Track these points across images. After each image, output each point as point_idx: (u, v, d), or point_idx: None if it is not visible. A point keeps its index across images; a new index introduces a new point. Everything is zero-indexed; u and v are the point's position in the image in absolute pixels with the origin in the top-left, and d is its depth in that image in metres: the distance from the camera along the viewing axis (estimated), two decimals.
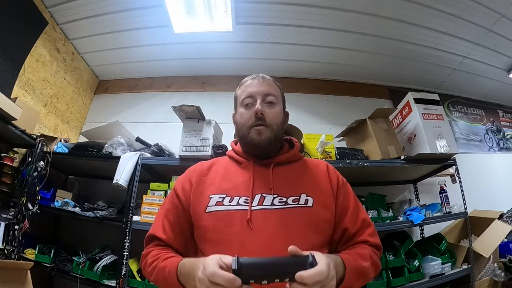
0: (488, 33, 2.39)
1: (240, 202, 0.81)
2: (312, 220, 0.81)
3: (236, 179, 0.88)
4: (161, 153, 1.98)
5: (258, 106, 0.89)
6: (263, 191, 0.83)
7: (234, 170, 0.91)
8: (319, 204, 0.84)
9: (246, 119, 0.90)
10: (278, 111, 0.93)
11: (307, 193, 0.84)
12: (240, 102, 0.96)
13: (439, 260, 1.85)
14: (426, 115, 2.03)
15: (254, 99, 0.91)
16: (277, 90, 0.96)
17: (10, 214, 1.69)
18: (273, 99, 0.92)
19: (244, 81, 0.99)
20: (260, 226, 0.77)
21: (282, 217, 0.79)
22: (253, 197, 0.82)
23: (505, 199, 2.47)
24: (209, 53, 2.66)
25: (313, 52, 2.64)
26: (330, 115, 2.82)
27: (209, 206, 0.82)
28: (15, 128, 1.71)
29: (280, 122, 0.92)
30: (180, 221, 0.88)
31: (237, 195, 0.83)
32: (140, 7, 2.20)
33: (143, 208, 1.80)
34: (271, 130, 0.88)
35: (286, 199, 0.82)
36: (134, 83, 2.99)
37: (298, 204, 0.82)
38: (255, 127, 0.88)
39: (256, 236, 0.76)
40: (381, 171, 2.11)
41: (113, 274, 1.75)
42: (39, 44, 2.18)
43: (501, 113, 3.37)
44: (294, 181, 0.88)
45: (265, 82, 0.95)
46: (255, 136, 0.88)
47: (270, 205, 0.81)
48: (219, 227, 0.80)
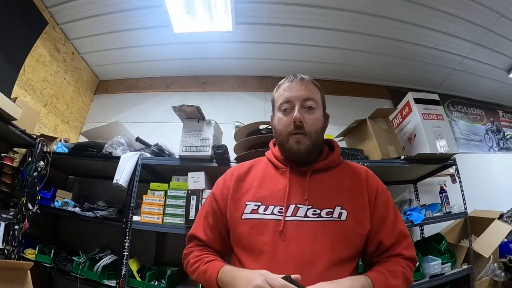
0: (488, 33, 2.39)
1: (275, 212, 0.82)
2: (344, 235, 0.80)
3: (273, 186, 0.87)
4: (161, 153, 1.98)
5: (297, 114, 0.86)
6: (298, 201, 0.83)
7: (271, 176, 0.90)
8: (353, 218, 0.82)
9: (285, 125, 0.88)
10: (318, 117, 0.90)
11: (342, 206, 0.83)
12: (277, 107, 0.92)
13: (439, 260, 1.84)
14: (426, 115, 2.03)
15: (292, 105, 0.88)
16: (316, 92, 0.93)
17: (10, 214, 1.69)
18: (312, 104, 0.89)
19: (282, 83, 0.95)
20: (291, 237, 0.78)
21: (314, 230, 0.79)
22: (287, 207, 0.82)
23: (505, 199, 2.47)
24: (209, 53, 2.66)
25: (313, 52, 2.64)
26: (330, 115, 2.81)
27: (245, 213, 0.84)
28: (15, 128, 1.71)
29: (320, 128, 0.90)
30: (218, 224, 0.91)
31: (272, 204, 0.83)
32: (140, 7, 2.20)
33: (143, 208, 1.80)
34: (310, 138, 0.86)
35: (320, 212, 0.82)
36: (134, 83, 2.99)
37: (331, 217, 0.81)
38: (294, 135, 0.86)
39: (287, 247, 0.77)
40: (381, 171, 2.09)
41: (113, 274, 1.75)
42: (39, 44, 2.18)
43: (501, 113, 3.37)
44: (330, 191, 0.86)
45: (303, 85, 0.91)
46: (294, 144, 0.86)
47: (303, 216, 0.81)
48: (252, 235, 0.81)
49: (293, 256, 0.76)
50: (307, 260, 0.74)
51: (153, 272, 1.77)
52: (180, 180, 1.89)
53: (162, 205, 1.79)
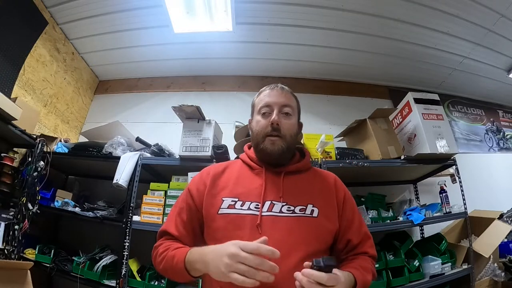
0: (488, 33, 2.39)
1: (251, 207, 0.87)
2: (316, 230, 0.87)
3: (249, 184, 0.92)
4: (161, 153, 1.98)
5: (275, 117, 0.93)
6: (273, 198, 0.88)
7: (247, 175, 0.95)
8: (323, 216, 0.89)
9: (262, 127, 0.94)
10: (293, 123, 0.97)
11: (314, 204, 0.89)
12: (257, 110, 0.99)
13: (439, 260, 1.85)
14: (426, 115, 2.03)
15: (271, 109, 0.95)
16: (294, 102, 1.01)
17: (10, 214, 1.69)
18: (289, 111, 0.97)
19: (263, 90, 1.02)
20: (268, 231, 0.82)
21: (289, 225, 0.85)
22: (263, 203, 0.87)
23: (505, 199, 2.48)
24: (209, 53, 2.66)
25: (313, 52, 2.64)
26: (330, 115, 2.82)
27: (222, 208, 0.88)
28: (15, 128, 1.71)
29: (294, 133, 0.97)
30: (192, 220, 0.93)
31: (249, 200, 0.88)
32: (140, 7, 2.20)
33: (143, 208, 1.80)
34: (284, 141, 0.93)
35: (294, 208, 0.87)
36: (134, 83, 2.99)
37: (304, 213, 0.87)
38: (270, 136, 0.92)
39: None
40: (381, 171, 2.11)
41: (113, 274, 1.75)
42: (39, 44, 2.18)
43: (501, 113, 3.37)
44: (302, 191, 0.93)
45: (283, 93, 0.99)
46: (269, 145, 0.92)
47: (278, 212, 0.86)
48: (229, 229, 0.85)
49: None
50: (283, 252, 0.76)
51: (153, 272, 1.77)
52: (180, 180, 1.89)
53: (162, 205, 1.79)
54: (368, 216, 1.85)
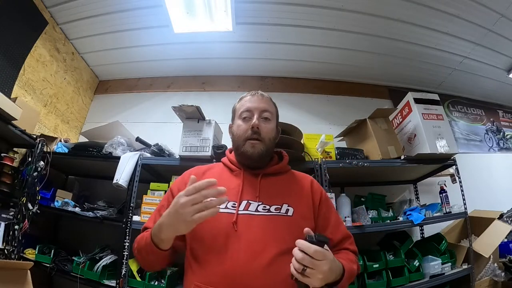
0: (488, 33, 2.39)
1: (228, 206, 0.91)
2: (290, 228, 0.89)
3: (227, 185, 0.95)
4: (161, 153, 1.98)
5: (255, 121, 0.98)
6: (250, 198, 0.93)
7: (226, 177, 1.00)
8: (298, 214, 0.93)
9: (243, 131, 0.99)
10: (272, 127, 1.03)
11: (289, 204, 0.93)
12: (238, 115, 1.04)
13: (439, 260, 1.85)
14: (426, 115, 2.03)
15: (252, 114, 1.00)
16: (273, 108, 1.06)
17: (10, 214, 1.69)
18: (269, 116, 1.02)
19: (244, 96, 1.07)
20: (243, 228, 0.86)
21: (264, 222, 0.88)
22: (240, 202, 0.91)
23: (505, 199, 2.48)
24: (209, 53, 2.66)
25: (313, 52, 2.64)
26: (330, 115, 2.82)
27: None
28: (15, 128, 1.71)
29: (273, 137, 1.02)
30: None
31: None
32: (140, 7, 2.20)
33: (143, 208, 1.80)
34: (264, 144, 0.97)
35: (269, 207, 0.92)
36: (134, 83, 2.99)
37: (279, 212, 0.91)
38: (250, 140, 0.97)
39: (239, 236, 0.85)
40: (381, 171, 2.11)
41: (113, 274, 1.75)
42: (39, 44, 2.18)
43: (501, 113, 3.37)
44: (278, 191, 0.97)
45: (263, 99, 1.04)
46: (249, 148, 0.96)
47: (254, 211, 0.90)
48: (207, 227, 0.87)
49: (245, 244, 0.84)
50: (257, 248, 0.83)
51: (153, 272, 1.77)
52: None
53: None
54: (368, 216, 1.85)
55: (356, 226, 1.75)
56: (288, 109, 2.77)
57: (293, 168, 1.13)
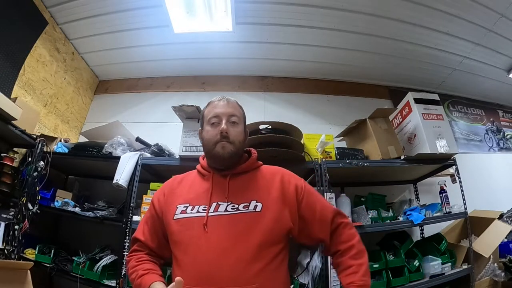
0: (488, 33, 2.39)
1: (199, 210, 0.95)
2: (259, 222, 0.92)
3: (199, 190, 1.01)
4: (161, 153, 1.98)
5: (224, 126, 1.00)
6: (219, 199, 0.96)
7: (198, 182, 1.04)
8: (267, 209, 0.94)
9: (212, 136, 1.01)
10: (240, 130, 1.05)
11: (257, 200, 0.95)
12: (207, 121, 1.06)
13: (439, 260, 1.85)
14: (426, 115, 2.03)
15: (220, 119, 1.02)
16: (240, 112, 1.09)
17: (10, 214, 1.69)
18: (236, 120, 1.04)
19: (211, 102, 1.10)
20: (213, 229, 0.90)
21: (232, 221, 0.91)
22: (210, 205, 0.95)
23: (505, 199, 2.48)
24: (209, 53, 2.66)
25: (313, 52, 2.64)
26: (330, 115, 2.82)
27: (176, 214, 0.97)
28: (15, 128, 1.70)
29: (241, 140, 1.04)
30: (156, 227, 1.04)
31: (198, 204, 0.96)
32: (140, 7, 2.20)
33: (143, 208, 1.79)
34: (234, 146, 1.00)
35: (238, 206, 0.94)
36: (134, 83, 2.99)
37: (247, 209, 0.94)
38: (220, 142, 0.99)
39: (209, 237, 0.89)
40: (381, 171, 2.11)
41: (113, 274, 1.75)
42: (39, 44, 2.18)
43: (501, 113, 3.37)
44: (247, 189, 0.99)
45: (230, 104, 1.07)
46: (220, 150, 0.99)
47: (223, 211, 0.93)
48: (182, 231, 0.94)
49: (214, 243, 0.88)
50: (226, 245, 0.87)
51: None
52: None
53: None
54: (368, 216, 1.85)
55: (356, 226, 1.74)
56: (288, 109, 2.78)
57: (293, 168, 1.13)
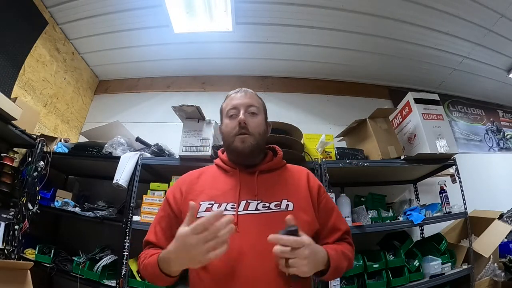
0: (488, 33, 2.39)
1: (228, 208, 0.89)
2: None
3: (224, 186, 0.95)
4: (161, 153, 1.98)
5: (241, 116, 0.96)
6: (248, 197, 0.91)
7: (222, 178, 0.99)
8: (299, 208, 0.91)
9: (231, 128, 0.97)
10: (260, 121, 1.01)
11: (288, 199, 0.92)
12: (225, 114, 1.03)
13: (439, 260, 1.85)
14: (426, 115, 2.03)
15: (238, 110, 0.99)
16: (258, 102, 1.05)
17: (10, 214, 1.69)
18: (255, 110, 1.01)
19: (229, 94, 1.07)
20: (245, 229, 0.85)
21: (265, 221, 0.87)
22: (239, 203, 0.90)
23: (505, 199, 2.47)
24: (209, 53, 2.66)
25: (313, 52, 2.64)
26: (330, 115, 2.82)
27: (200, 212, 0.89)
28: (15, 128, 1.71)
29: (262, 131, 1.00)
30: (171, 227, 0.95)
31: (225, 201, 0.90)
32: (140, 7, 2.20)
33: (143, 208, 1.80)
34: (254, 138, 0.96)
35: (269, 204, 0.90)
36: (134, 83, 2.99)
37: (279, 208, 0.90)
38: (239, 135, 0.95)
39: (242, 238, 0.83)
40: (381, 171, 2.11)
41: (113, 274, 1.75)
42: (39, 44, 2.18)
43: (501, 113, 3.38)
44: (276, 187, 0.95)
45: (247, 94, 1.04)
46: (239, 144, 0.95)
47: (254, 210, 0.89)
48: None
49: (249, 245, 0.82)
50: (262, 248, 0.79)
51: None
52: None
53: None
54: (368, 216, 1.85)
55: (356, 226, 1.75)
56: (288, 109, 2.78)
57: None
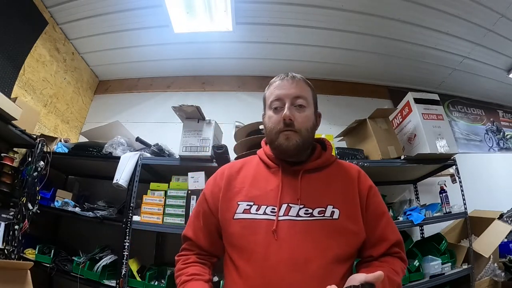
0: (488, 33, 2.39)
1: (267, 212, 0.82)
2: (337, 233, 0.80)
3: (265, 186, 0.87)
4: (161, 153, 1.98)
5: (287, 112, 0.85)
6: (290, 201, 0.83)
7: (263, 176, 0.90)
8: (345, 216, 0.82)
9: (275, 123, 0.87)
10: (308, 115, 0.89)
11: (334, 205, 0.83)
12: (268, 105, 0.92)
13: (439, 260, 1.85)
14: (426, 115, 2.03)
15: (283, 103, 0.87)
16: (308, 91, 0.92)
17: (10, 214, 1.69)
18: (303, 102, 0.88)
19: (273, 81, 0.94)
20: (284, 237, 0.78)
21: (307, 229, 0.79)
22: (280, 206, 0.82)
23: (505, 199, 2.47)
24: (209, 53, 2.66)
25: (313, 52, 2.64)
26: (330, 115, 2.82)
27: (237, 213, 0.84)
28: (15, 128, 1.71)
29: (310, 127, 0.89)
30: (209, 224, 0.92)
31: (265, 204, 0.83)
32: (140, 7, 2.20)
33: (143, 208, 1.80)
34: (299, 136, 0.85)
35: (312, 211, 0.82)
36: (134, 83, 2.99)
37: (323, 216, 0.81)
38: (284, 132, 0.85)
39: (280, 246, 0.77)
40: (381, 171, 2.11)
41: (113, 274, 1.75)
42: (39, 44, 2.18)
43: (501, 113, 3.37)
44: (322, 191, 0.86)
45: (294, 83, 0.90)
46: (283, 141, 0.85)
47: (295, 216, 0.81)
48: (244, 235, 0.81)
49: (287, 255, 0.76)
50: (301, 259, 0.75)
51: (153, 272, 1.78)
52: (180, 180, 1.89)
53: (162, 205, 1.79)
54: None
55: None
56: None
57: None
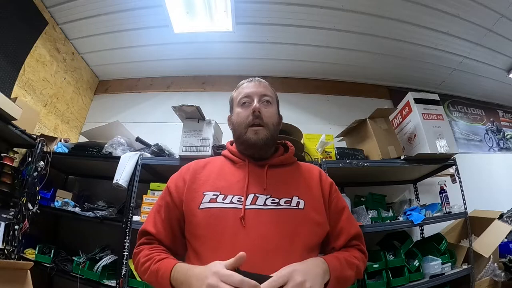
0: (488, 33, 2.39)
1: (234, 201, 0.83)
2: (304, 222, 0.83)
3: (231, 178, 0.89)
4: (161, 153, 1.98)
5: (256, 104, 0.92)
6: (257, 191, 0.85)
7: (229, 169, 0.93)
8: (311, 207, 0.86)
9: (243, 118, 0.93)
10: (274, 111, 0.97)
11: (299, 196, 0.86)
12: (237, 103, 0.98)
13: (439, 260, 1.85)
14: (426, 115, 2.03)
15: (251, 99, 0.95)
16: (272, 92, 1.01)
17: (10, 214, 1.69)
18: (269, 99, 0.97)
19: (241, 83, 1.03)
20: (252, 224, 0.79)
21: (274, 217, 0.81)
22: (247, 196, 0.84)
23: (505, 199, 2.48)
24: (209, 53, 2.66)
25: (313, 52, 2.64)
26: (330, 115, 2.82)
27: (203, 203, 0.84)
28: (15, 128, 1.71)
29: (275, 122, 0.96)
30: (171, 218, 0.90)
31: (231, 193, 0.84)
32: (140, 7, 2.20)
33: (143, 208, 1.80)
34: (267, 130, 0.91)
35: (279, 200, 0.84)
36: (134, 83, 2.99)
37: (289, 205, 0.84)
38: (252, 127, 0.91)
39: (248, 234, 0.77)
40: (381, 171, 2.11)
41: (113, 274, 1.75)
42: (39, 44, 2.18)
43: (501, 113, 3.38)
44: (287, 183, 0.90)
45: (261, 84, 1.00)
46: (252, 136, 0.90)
47: (262, 205, 0.83)
48: (211, 224, 0.81)
49: (256, 243, 0.76)
50: (270, 246, 0.76)
51: None
52: None
53: None
54: (368, 216, 1.85)
55: None
56: (288, 109, 2.77)
57: None
